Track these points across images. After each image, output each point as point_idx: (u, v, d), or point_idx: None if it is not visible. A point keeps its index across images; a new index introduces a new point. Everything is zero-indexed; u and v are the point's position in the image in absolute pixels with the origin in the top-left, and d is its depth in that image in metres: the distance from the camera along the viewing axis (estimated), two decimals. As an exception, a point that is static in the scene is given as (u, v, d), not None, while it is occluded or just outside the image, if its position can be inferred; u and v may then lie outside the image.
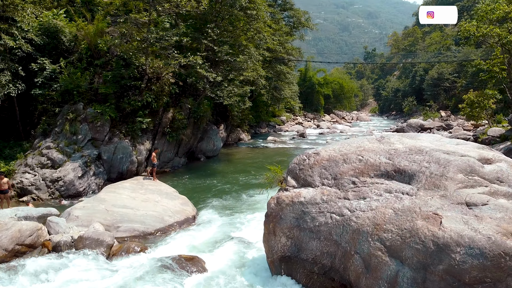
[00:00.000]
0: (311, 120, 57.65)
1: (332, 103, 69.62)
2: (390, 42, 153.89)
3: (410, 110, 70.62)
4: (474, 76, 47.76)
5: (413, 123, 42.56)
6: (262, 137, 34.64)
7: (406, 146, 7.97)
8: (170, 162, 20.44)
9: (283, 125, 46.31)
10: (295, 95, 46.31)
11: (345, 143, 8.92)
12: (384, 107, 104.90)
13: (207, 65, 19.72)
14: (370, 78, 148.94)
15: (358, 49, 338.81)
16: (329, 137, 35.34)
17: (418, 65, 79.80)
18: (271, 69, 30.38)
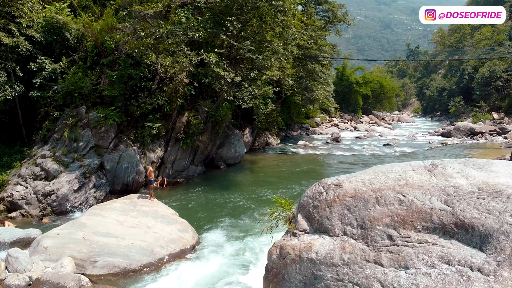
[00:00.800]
0: (348, 122, 54.37)
1: (371, 104, 65.78)
2: (435, 38, 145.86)
3: (457, 111, 65.46)
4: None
5: (461, 126, 38.55)
6: (292, 141, 32.17)
7: (473, 183, 5.08)
8: (184, 171, 18.49)
9: (317, 128, 43.50)
10: (330, 95, 43.39)
11: (380, 171, 6.26)
12: (428, 107, 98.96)
13: (225, 63, 17.60)
14: (413, 77, 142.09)
15: (400, 46, 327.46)
16: (366, 142, 32.29)
17: (466, 63, 74.11)
18: (302, 68, 27.86)
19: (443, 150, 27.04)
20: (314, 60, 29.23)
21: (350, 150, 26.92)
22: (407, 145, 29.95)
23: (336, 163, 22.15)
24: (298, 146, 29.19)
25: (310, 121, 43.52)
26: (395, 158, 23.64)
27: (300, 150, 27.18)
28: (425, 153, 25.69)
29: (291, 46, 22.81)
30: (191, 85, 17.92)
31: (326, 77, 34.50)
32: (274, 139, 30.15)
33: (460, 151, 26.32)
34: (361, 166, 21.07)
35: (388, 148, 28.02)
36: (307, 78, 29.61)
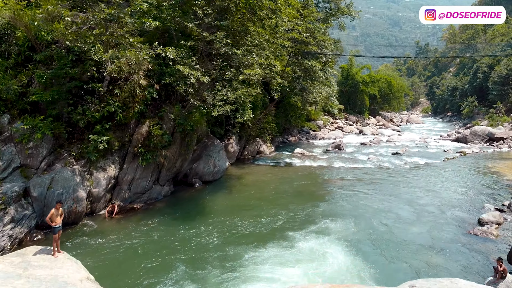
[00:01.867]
0: (354, 124, 50.58)
1: (378, 104, 61.83)
2: (446, 36, 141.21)
3: (470, 112, 61.28)
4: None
5: (479, 130, 34.66)
6: (289, 149, 28.59)
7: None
8: (146, 193, 15.02)
9: (319, 131, 39.81)
10: (333, 95, 39.69)
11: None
12: (438, 107, 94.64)
13: (194, 59, 14.13)
14: (422, 75, 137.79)
15: (409, 44, 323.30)
16: (371, 149, 28.56)
17: (480, 60, 69.85)
18: (299, 66, 24.24)
19: (461, 161, 23.28)
20: (312, 56, 25.54)
21: (353, 161, 23.27)
22: (419, 153, 26.21)
23: (335, 180, 18.52)
24: (294, 155, 25.58)
25: (311, 124, 39.85)
26: (406, 173, 19.96)
27: (296, 161, 23.58)
28: (440, 165, 21.97)
29: (282, 40, 19.16)
30: (152, 87, 14.46)
31: (327, 77, 30.87)
32: (268, 147, 26.59)
33: (481, 163, 22.54)
34: (365, 184, 17.47)
35: (397, 158, 24.33)
36: (305, 77, 25.94)
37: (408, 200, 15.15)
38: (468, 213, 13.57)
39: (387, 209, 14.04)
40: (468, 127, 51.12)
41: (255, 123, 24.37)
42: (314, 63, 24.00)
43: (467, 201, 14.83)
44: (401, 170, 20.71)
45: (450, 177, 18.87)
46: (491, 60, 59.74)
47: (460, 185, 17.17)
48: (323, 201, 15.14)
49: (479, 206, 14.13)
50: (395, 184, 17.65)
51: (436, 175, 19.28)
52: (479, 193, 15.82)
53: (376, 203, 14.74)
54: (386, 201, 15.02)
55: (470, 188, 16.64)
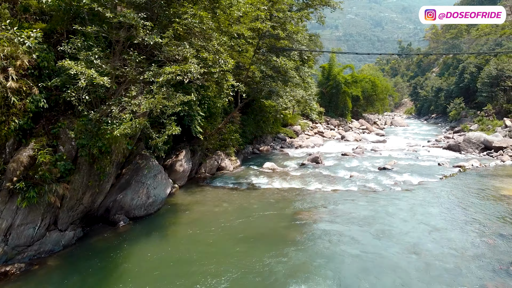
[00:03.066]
0: (335, 128, 46.61)
1: (361, 106, 58.09)
2: (428, 35, 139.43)
3: (457, 115, 58.14)
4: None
5: (473, 137, 30.96)
6: (258, 162, 24.24)
7: None
8: (34, 244, 10.41)
9: (296, 138, 35.59)
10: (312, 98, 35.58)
11: None
12: (422, 108, 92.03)
13: (97, 51, 9.65)
14: (405, 76, 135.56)
15: (391, 44, 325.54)
16: (355, 162, 24.40)
17: (467, 60, 66.99)
18: (267, 64, 19.88)
19: (462, 180, 19.29)
20: (282, 53, 21.23)
21: (333, 181, 19.02)
22: (410, 168, 22.19)
23: (309, 213, 14.14)
24: (263, 171, 21.23)
25: (288, 130, 35.60)
26: (398, 199, 15.81)
27: (263, 180, 19.20)
28: (439, 187, 17.90)
29: (237, 27, 14.73)
30: (38, 93, 9.89)
31: (304, 77, 26.74)
32: (231, 161, 22.17)
33: (487, 182, 18.58)
34: (347, 220, 13.22)
35: (384, 175, 20.24)
36: (275, 78, 21.60)
37: (409, 246, 10.96)
38: (493, 265, 9.47)
39: (382, 263, 9.82)
40: (457, 131, 47.90)
41: (214, 133, 19.96)
42: (284, 61, 19.57)
43: (488, 247, 10.72)
44: (391, 194, 16.55)
45: (455, 206, 14.80)
46: (480, 60, 56.67)
47: (471, 219, 13.11)
48: (292, 249, 10.81)
49: (506, 257, 10.04)
50: (387, 217, 13.46)
51: (437, 203, 15.17)
52: (497, 234, 11.74)
53: (365, 252, 10.49)
54: (379, 248, 10.79)
55: (485, 224, 12.56)
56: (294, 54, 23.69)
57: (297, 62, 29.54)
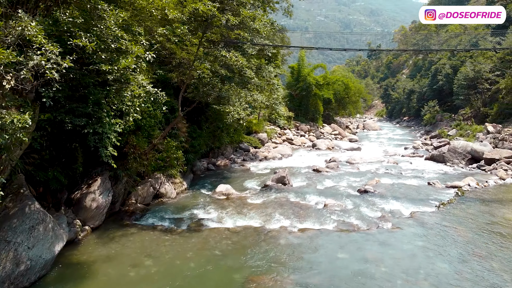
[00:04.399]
0: (306, 134, 42.52)
1: (333, 109, 54.38)
2: (397, 37, 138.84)
3: (432, 118, 55.49)
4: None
5: (458, 147, 27.48)
6: (211, 182, 19.57)
7: None
8: None
9: (262, 148, 31.16)
10: (278, 103, 31.31)
11: None
12: (394, 111, 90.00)
13: None
14: (375, 77, 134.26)
15: (360, 46, 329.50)
16: (328, 181, 20.09)
17: (439, 62, 64.87)
18: (215, 60, 15.20)
19: (463, 208, 15.31)
20: (240, 48, 16.67)
21: (302, 215, 14.52)
22: (396, 190, 18.16)
23: (266, 278, 9.64)
24: (214, 199, 16.59)
25: (252, 138, 31.08)
26: (389, 245, 11.54)
27: (211, 214, 14.51)
28: (437, 220, 13.80)
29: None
30: None
31: (268, 77, 22.40)
32: (175, 185, 17.41)
33: (494, 211, 14.66)
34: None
35: (367, 202, 16.05)
36: (231, 78, 17.01)
37: None
38: None
39: None
40: (434, 137, 44.96)
41: (148, 151, 15.17)
42: (236, 57, 14.93)
43: None
44: (380, 236, 12.27)
45: (468, 256, 10.68)
46: (455, 62, 54.20)
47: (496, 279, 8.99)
48: None
49: None
50: (382, 281, 9.14)
51: (443, 252, 11.00)
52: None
53: None
54: None
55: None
56: (254, 49, 19.24)
57: (261, 60, 25.12)
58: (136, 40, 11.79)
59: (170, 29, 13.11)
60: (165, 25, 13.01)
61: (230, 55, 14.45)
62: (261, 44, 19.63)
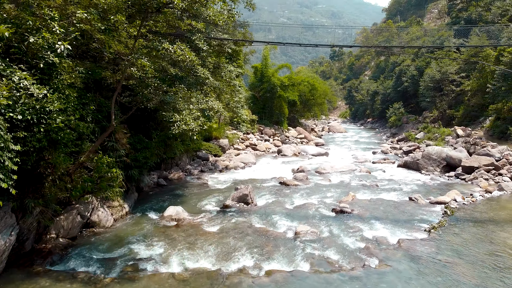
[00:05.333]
0: (271, 138, 39.94)
1: (298, 111, 52.21)
2: (359, 39, 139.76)
3: (398, 121, 54.56)
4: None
5: (433, 153, 25.72)
6: (160, 201, 16.47)
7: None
8: None
9: (222, 156, 28.19)
10: (240, 106, 28.52)
11: None
12: (357, 112, 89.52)
13: None
14: (338, 78, 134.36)
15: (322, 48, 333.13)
16: (297, 197, 17.45)
17: (403, 63, 64.44)
18: (157, 56, 12.07)
19: (459, 234, 13.06)
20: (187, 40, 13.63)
21: (269, 249, 11.75)
22: (375, 208, 15.78)
23: None
24: (160, 226, 13.49)
25: (212, 145, 28.01)
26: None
27: (154, 251, 11.42)
28: (432, 250, 11.43)
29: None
30: None
31: (227, 77, 19.51)
32: (113, 209, 14.15)
33: (490, 234, 12.52)
34: None
35: (346, 227, 13.51)
36: (182, 79, 13.95)
37: None
38: None
39: None
40: (401, 140, 43.68)
41: (73, 171, 11.86)
42: (183, 50, 11.87)
43: None
44: (367, 280, 9.67)
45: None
46: (421, 63, 53.53)
47: None
48: None
49: None
50: None
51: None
52: None
53: None
54: None
55: None
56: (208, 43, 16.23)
57: (220, 58, 22.20)
58: (46, 25, 8.59)
59: (95, 13, 9.91)
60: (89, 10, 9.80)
61: (174, 48, 11.38)
62: (218, 39, 16.70)
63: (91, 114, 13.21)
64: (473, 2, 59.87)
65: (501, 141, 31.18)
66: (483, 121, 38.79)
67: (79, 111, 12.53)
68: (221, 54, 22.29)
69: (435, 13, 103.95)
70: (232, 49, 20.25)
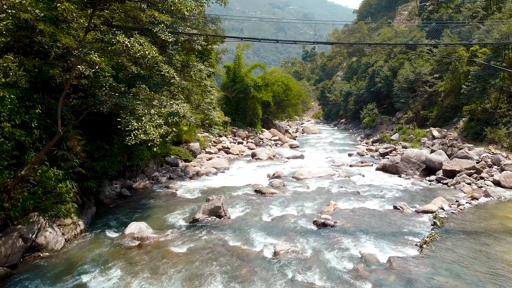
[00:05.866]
0: (244, 141, 38.43)
1: (272, 113, 50.92)
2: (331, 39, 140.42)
3: (372, 121, 54.20)
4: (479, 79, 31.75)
5: (412, 156, 24.95)
6: (122, 216, 14.69)
7: None
8: None
9: (193, 160, 26.47)
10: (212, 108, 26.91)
11: None
12: (331, 113, 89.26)
13: None
14: (310, 79, 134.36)
15: (294, 49, 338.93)
16: (274, 208, 16.03)
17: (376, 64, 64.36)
18: (114, 52, 10.42)
19: (452, 248, 11.96)
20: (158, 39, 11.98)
21: (245, 273, 10.24)
22: (359, 219, 14.57)
23: None
24: (120, 248, 11.72)
25: (181, 149, 26.23)
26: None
27: (109, 282, 9.72)
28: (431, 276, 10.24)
29: None
30: None
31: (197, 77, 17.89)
32: (65, 228, 12.27)
33: (486, 249, 11.52)
34: None
35: (329, 242, 12.22)
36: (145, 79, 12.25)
37: None
38: None
39: None
40: (376, 141, 43.17)
41: (12, 186, 9.96)
42: (141, 43, 10.16)
43: None
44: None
45: None
46: (394, 63, 53.37)
47: None
48: None
49: None
50: None
51: None
52: None
53: None
54: None
55: None
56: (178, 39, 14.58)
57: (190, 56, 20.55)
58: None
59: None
60: None
61: (131, 42, 9.69)
62: (187, 33, 15.04)
63: (36, 119, 11.32)
64: (443, 4, 60.47)
65: (476, 142, 30.92)
66: (456, 122, 38.64)
67: (21, 116, 10.67)
68: (191, 52, 20.62)
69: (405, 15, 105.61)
70: (202, 46, 18.61)
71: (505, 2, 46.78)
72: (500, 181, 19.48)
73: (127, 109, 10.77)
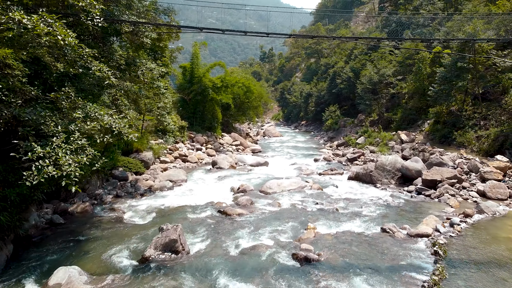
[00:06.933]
0: (203, 147, 35.38)
1: (232, 115, 48.17)
2: (289, 41, 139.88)
3: (335, 124, 52.88)
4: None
5: (387, 164, 23.13)
6: (51, 252, 11.43)
7: None
8: None
9: (146, 172, 23.21)
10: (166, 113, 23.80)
11: None
12: (291, 115, 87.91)
13: None
14: (269, 80, 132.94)
15: (251, 50, 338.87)
16: (244, 238, 13.34)
17: (337, 65, 63.42)
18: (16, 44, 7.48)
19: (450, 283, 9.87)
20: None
21: None
22: (345, 248, 12.27)
23: None
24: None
25: (132, 160, 22.85)
26: None
27: None
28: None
29: None
30: None
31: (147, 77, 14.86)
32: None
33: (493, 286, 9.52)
34: None
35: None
36: (60, 77, 9.20)
37: None
38: None
39: None
40: (341, 145, 41.64)
41: None
42: (50, 27, 7.14)
43: None
44: None
45: None
46: (356, 64, 52.29)
47: None
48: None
49: None
50: None
51: None
52: None
53: None
54: None
55: None
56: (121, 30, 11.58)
57: (139, 52, 17.42)
58: None
59: None
60: None
61: (34, 20, 6.59)
62: (132, 22, 12.02)
63: None
64: (401, 6, 60.48)
65: (444, 145, 29.88)
66: (421, 124, 37.79)
67: None
68: (140, 48, 17.49)
69: (362, 17, 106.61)
70: (153, 41, 15.60)
71: (463, 4, 46.97)
72: (486, 192, 17.95)
73: (29, 126, 7.52)
